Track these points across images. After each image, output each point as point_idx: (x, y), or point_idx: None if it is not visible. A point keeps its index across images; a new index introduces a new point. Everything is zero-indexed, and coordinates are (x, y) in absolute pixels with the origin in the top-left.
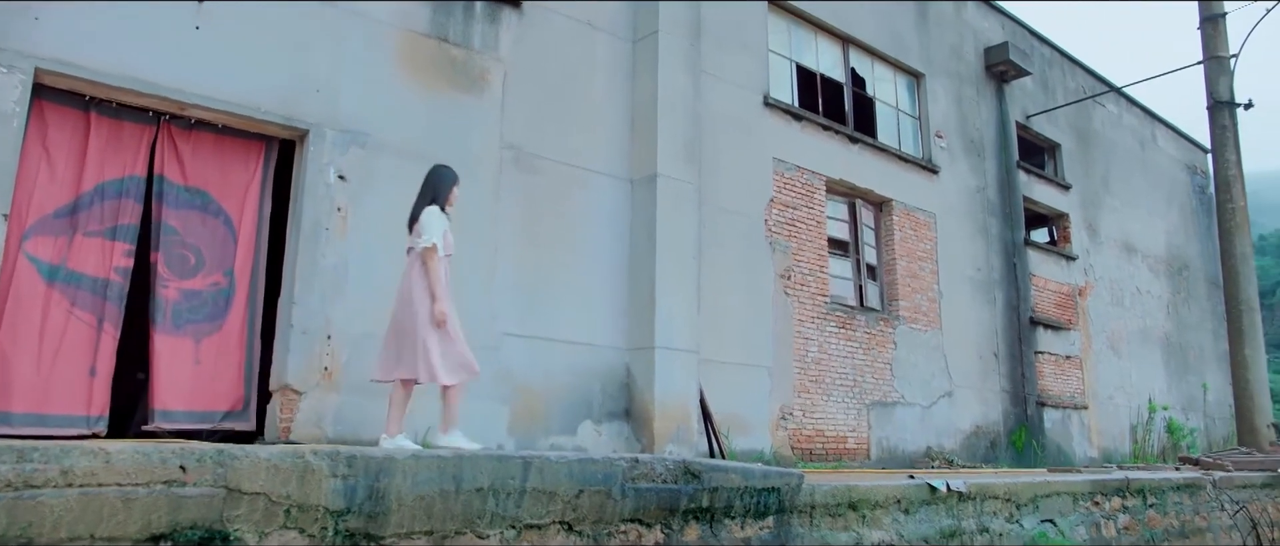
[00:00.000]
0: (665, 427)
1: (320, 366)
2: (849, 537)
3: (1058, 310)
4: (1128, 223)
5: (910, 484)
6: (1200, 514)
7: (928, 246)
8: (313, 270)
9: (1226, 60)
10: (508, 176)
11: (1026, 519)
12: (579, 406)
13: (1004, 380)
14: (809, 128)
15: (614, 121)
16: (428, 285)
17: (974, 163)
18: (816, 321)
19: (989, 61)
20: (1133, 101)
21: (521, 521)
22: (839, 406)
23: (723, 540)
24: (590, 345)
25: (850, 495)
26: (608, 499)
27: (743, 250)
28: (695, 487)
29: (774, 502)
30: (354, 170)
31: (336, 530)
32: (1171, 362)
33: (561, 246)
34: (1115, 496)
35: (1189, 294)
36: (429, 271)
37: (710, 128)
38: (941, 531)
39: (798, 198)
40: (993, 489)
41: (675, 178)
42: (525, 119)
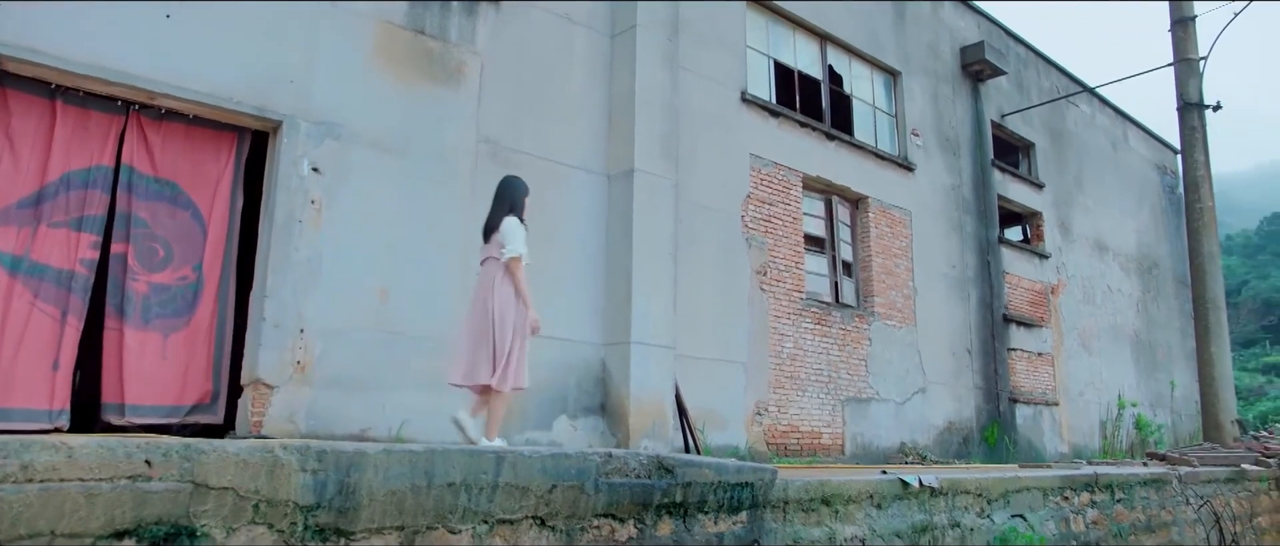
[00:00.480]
0: (641, 423)
1: (293, 360)
2: (822, 532)
3: (1030, 307)
4: (1099, 221)
5: (883, 479)
6: (1166, 508)
7: (903, 243)
8: (285, 263)
9: (1196, 62)
10: (484, 170)
11: (997, 513)
12: (554, 401)
13: (977, 376)
14: (786, 124)
15: (591, 116)
16: (516, 293)
17: (949, 161)
18: (792, 317)
19: (965, 60)
20: (1105, 102)
21: (494, 516)
22: (814, 402)
23: (696, 535)
24: (566, 340)
25: (823, 490)
26: (581, 494)
27: (719, 246)
28: (669, 483)
29: (748, 497)
30: (328, 162)
31: (306, 525)
32: (1141, 360)
33: (537, 241)
34: (1084, 491)
35: (1158, 292)
36: (516, 280)
37: (688, 123)
38: (914, 526)
39: (774, 194)
40: (964, 484)
41: (652, 173)
42: (502, 113)
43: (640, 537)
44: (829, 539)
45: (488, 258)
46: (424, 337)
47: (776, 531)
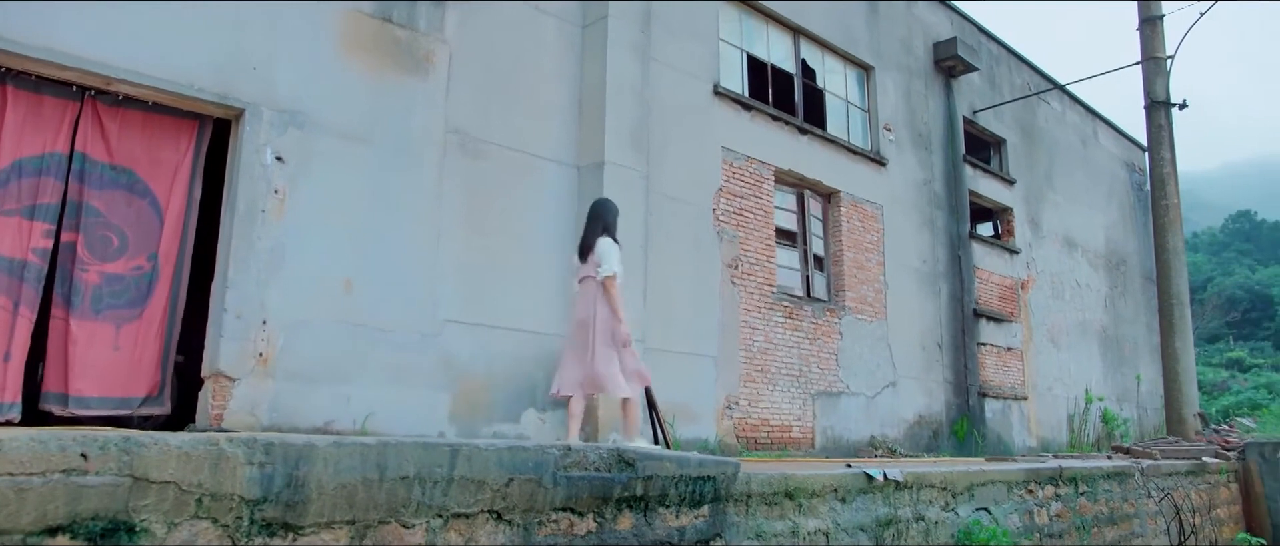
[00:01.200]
0: (609, 416)
1: (255, 352)
2: (785, 526)
3: (1000, 302)
4: (1069, 218)
5: (847, 473)
6: (1128, 500)
7: (875, 238)
8: (248, 253)
9: (1163, 61)
10: (452, 161)
11: (962, 507)
12: (522, 394)
13: (947, 371)
14: (759, 117)
15: (562, 107)
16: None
17: (921, 156)
18: (763, 311)
19: (938, 56)
20: (1075, 99)
21: (449, 510)
22: (784, 396)
23: (657, 529)
24: (535, 332)
25: (787, 484)
26: (539, 487)
27: (690, 239)
28: (629, 476)
29: (710, 491)
30: (292, 151)
31: (252, 520)
32: (1108, 354)
33: (506, 232)
34: (1048, 484)
35: (1126, 288)
36: (611, 297)
37: (659, 115)
38: (878, 519)
39: (746, 187)
40: (929, 478)
41: (622, 165)
42: (471, 103)
43: (600, 532)
44: (792, 532)
45: (585, 277)
46: (390, 329)
47: (739, 525)
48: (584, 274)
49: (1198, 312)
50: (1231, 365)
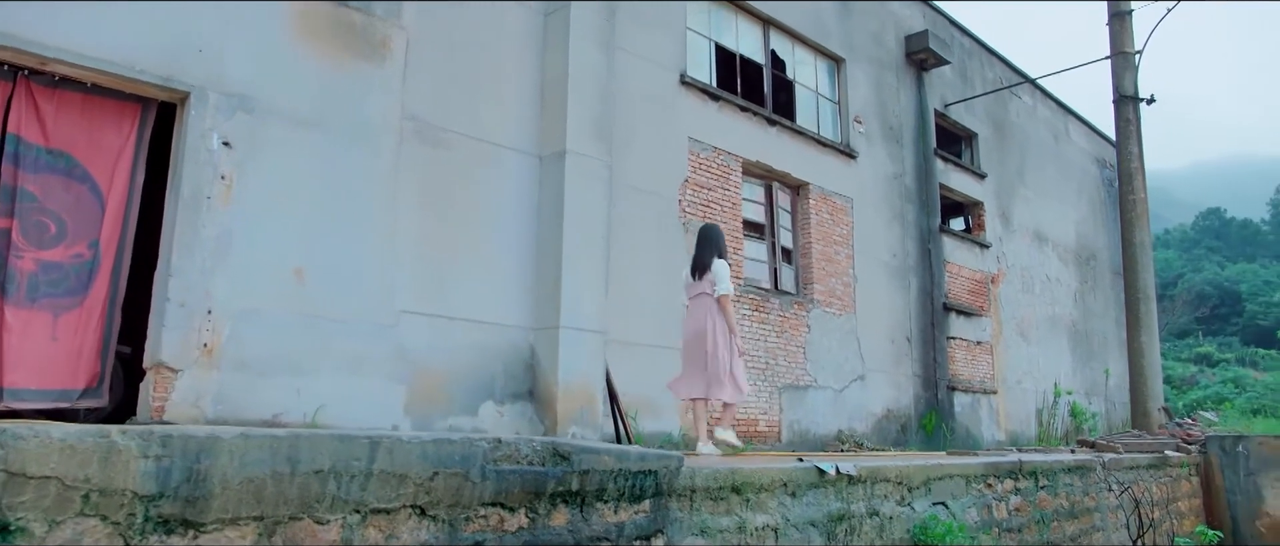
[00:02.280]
0: (569, 409)
1: (199, 342)
2: (731, 521)
3: (970, 296)
4: (1040, 212)
5: (798, 467)
6: (1089, 494)
7: (844, 231)
8: (193, 240)
9: (1132, 56)
10: (409, 149)
11: (918, 501)
12: (481, 387)
13: (916, 364)
14: (727, 108)
15: (524, 95)
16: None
17: (892, 149)
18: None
19: (909, 49)
20: (1047, 94)
21: (368, 505)
22: (750, 389)
23: (594, 524)
24: (494, 324)
25: (733, 478)
26: (465, 481)
27: (656, 230)
28: (564, 470)
29: (651, 486)
30: (240, 136)
31: (147, 516)
32: (1077, 349)
33: (465, 223)
34: (1008, 478)
35: (1095, 283)
36: (728, 313)
37: (624, 105)
38: (829, 514)
39: (713, 178)
40: (884, 472)
41: (585, 154)
42: (429, 90)
43: (532, 527)
44: (738, 528)
45: (700, 293)
46: (344, 320)
47: (682, 520)
48: (699, 291)
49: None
50: (1200, 360)
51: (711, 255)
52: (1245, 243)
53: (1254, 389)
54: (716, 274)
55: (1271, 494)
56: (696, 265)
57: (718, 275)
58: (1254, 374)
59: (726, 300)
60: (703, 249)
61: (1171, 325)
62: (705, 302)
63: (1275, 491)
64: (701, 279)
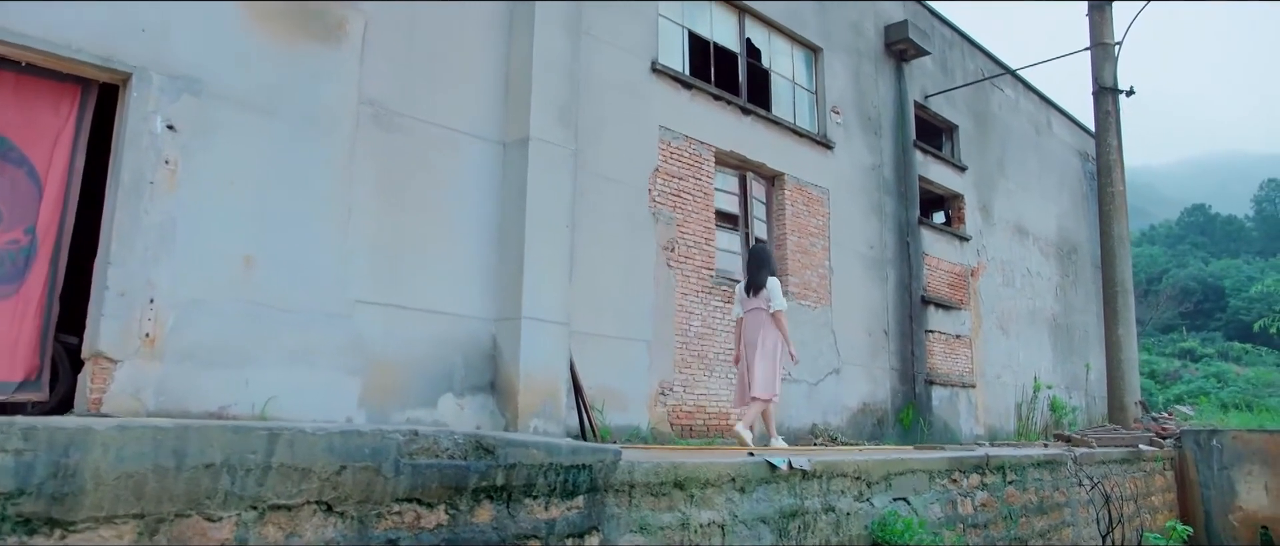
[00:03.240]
0: (530, 402)
1: (140, 332)
2: (674, 518)
3: (949, 290)
4: (1021, 206)
5: (748, 461)
6: (1059, 489)
7: (820, 222)
8: (134, 227)
9: (1111, 46)
10: (366, 135)
11: (878, 497)
12: (439, 379)
13: (893, 358)
14: (699, 97)
15: (488, 81)
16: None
17: (870, 140)
18: (701, 295)
19: (888, 39)
20: (1029, 87)
21: (265, 502)
22: (722, 382)
23: (521, 521)
24: (454, 315)
25: (676, 473)
26: (377, 476)
27: (624, 220)
28: (488, 464)
29: (585, 481)
30: (186, 120)
31: (4, 515)
32: (1058, 343)
33: (425, 211)
34: (974, 473)
35: (1077, 277)
36: (782, 326)
37: (593, 92)
38: (782, 511)
39: (685, 168)
40: (841, 467)
41: (550, 142)
42: (388, 74)
43: (453, 524)
44: (682, 524)
45: (754, 308)
46: (295, 309)
47: (620, 517)
48: (754, 305)
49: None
50: (1183, 355)
51: (766, 274)
52: (1229, 238)
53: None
54: (771, 291)
55: (1244, 488)
56: (751, 283)
57: (773, 292)
58: (1236, 369)
59: (781, 315)
60: (757, 268)
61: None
62: (760, 316)
63: (1248, 485)
64: (757, 295)
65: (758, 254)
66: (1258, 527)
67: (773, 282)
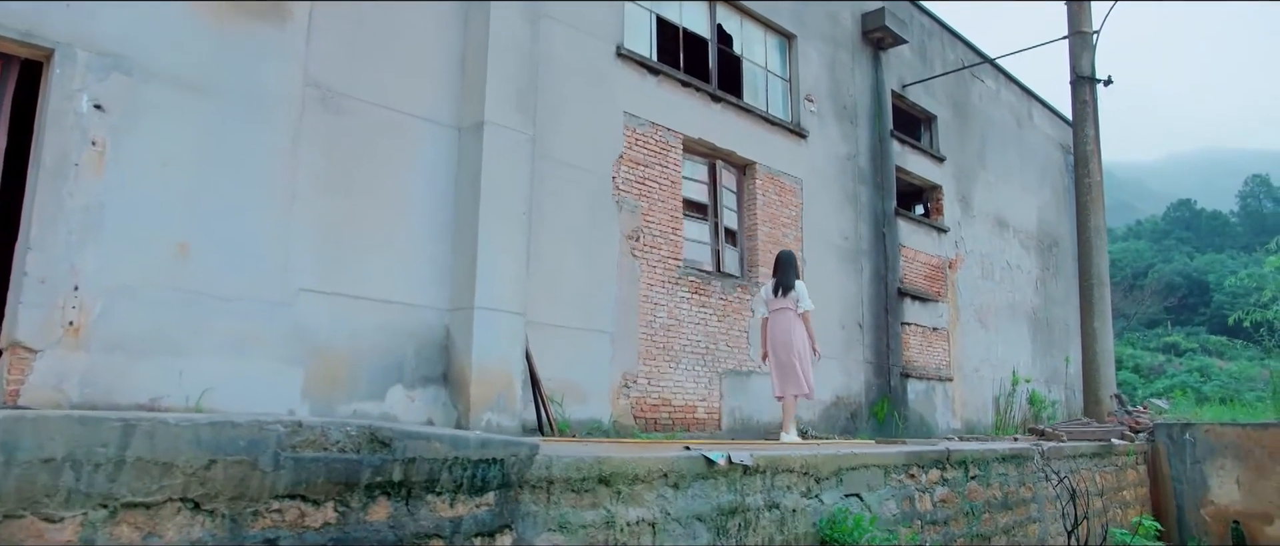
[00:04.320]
0: (483, 394)
1: (63, 320)
2: (598, 515)
3: (926, 282)
4: (1001, 198)
5: (682, 456)
6: (1026, 484)
7: (792, 212)
8: (57, 211)
9: (1089, 35)
10: (312, 118)
11: (827, 493)
12: (389, 370)
13: (868, 351)
14: (667, 83)
15: (443, 64)
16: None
17: (846, 129)
18: (667, 286)
19: (865, 27)
20: (1011, 79)
21: (119, 499)
22: (688, 374)
23: (423, 519)
24: (405, 304)
25: (601, 468)
26: (253, 471)
27: (587, 208)
28: (384, 458)
29: (497, 476)
30: (115, 100)
31: None
32: (1038, 336)
33: (375, 197)
34: (933, 468)
35: (1058, 270)
36: (810, 326)
37: (555, 77)
38: (720, 508)
39: (651, 155)
40: (786, 461)
41: (506, 126)
42: (336, 56)
43: (342, 523)
44: (607, 523)
45: (782, 309)
46: (233, 298)
47: (537, 515)
48: (781, 306)
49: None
50: (1168, 349)
51: (793, 277)
52: (1215, 234)
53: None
54: (799, 293)
55: (1216, 482)
56: (779, 285)
57: (800, 294)
58: (1219, 363)
59: (809, 316)
60: (784, 272)
61: (1141, 315)
62: (788, 316)
63: (1220, 480)
64: (784, 296)
65: (785, 259)
66: (1229, 522)
67: (800, 285)
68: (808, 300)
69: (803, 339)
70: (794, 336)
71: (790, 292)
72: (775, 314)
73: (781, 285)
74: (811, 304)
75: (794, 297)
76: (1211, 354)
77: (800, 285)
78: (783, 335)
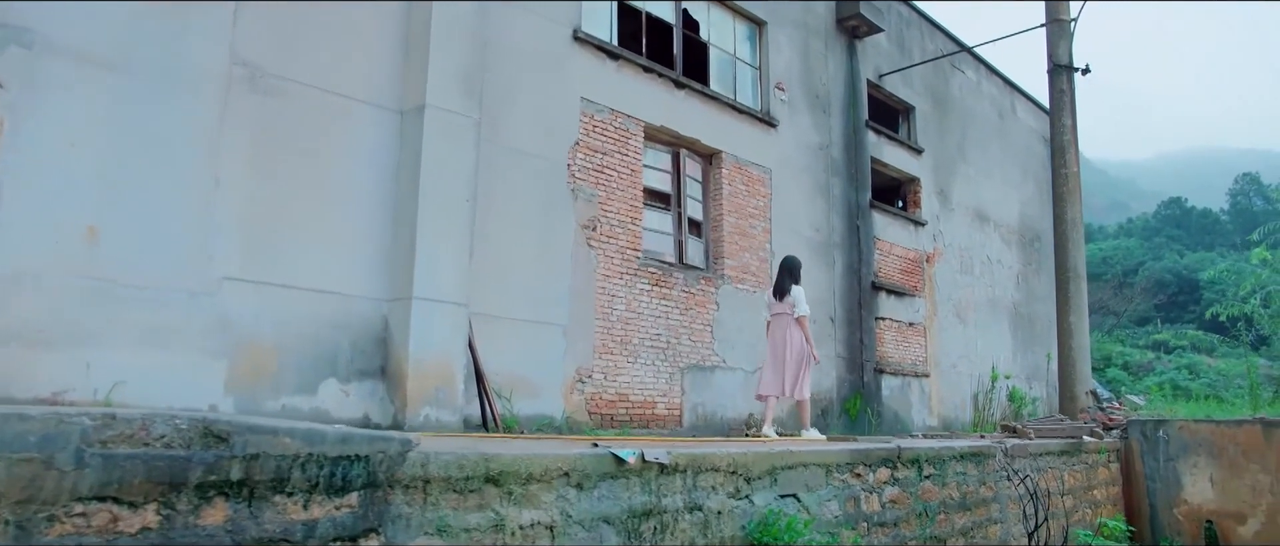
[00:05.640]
0: (421, 388)
1: None
2: (484, 518)
3: (903, 276)
4: (982, 191)
5: (588, 454)
6: (986, 484)
7: (761, 203)
8: None
9: (1067, 23)
10: (239, 98)
11: (760, 494)
12: (322, 363)
13: (840, 346)
14: (627, 68)
15: (385, 45)
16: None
17: (818, 119)
18: (625, 277)
19: (840, 15)
20: (993, 70)
21: None
22: (648, 369)
23: (268, 522)
24: (340, 294)
25: (489, 466)
26: (48, 470)
27: (540, 196)
28: (219, 454)
29: (360, 474)
30: (14, 74)
31: None
32: (1019, 332)
33: (310, 182)
34: (882, 467)
35: (1040, 265)
36: (805, 330)
37: (506, 59)
38: (632, 510)
39: (610, 143)
40: (711, 460)
41: (449, 110)
42: (267, 34)
43: (167, 527)
44: (495, 526)
45: (780, 313)
46: (148, 286)
47: (411, 517)
48: (779, 310)
49: (1129, 296)
50: (1157, 347)
51: (790, 283)
52: (1205, 232)
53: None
54: (795, 298)
55: (1190, 480)
56: (777, 289)
57: (796, 299)
58: (1207, 360)
59: (804, 320)
60: (783, 277)
61: (1131, 312)
62: (785, 320)
63: (1193, 478)
64: (782, 301)
65: (786, 263)
66: (1202, 522)
67: (796, 290)
68: (804, 305)
69: (798, 342)
70: (789, 340)
71: (787, 297)
72: (775, 317)
73: (779, 289)
74: (807, 309)
75: (790, 302)
76: (1200, 351)
77: (797, 290)
78: (779, 338)
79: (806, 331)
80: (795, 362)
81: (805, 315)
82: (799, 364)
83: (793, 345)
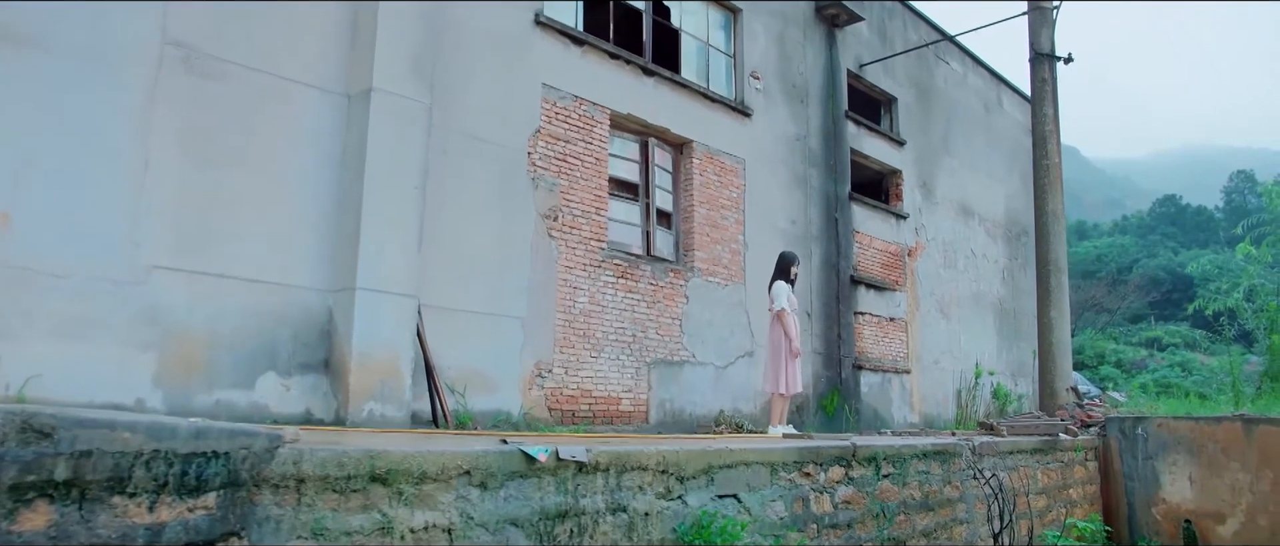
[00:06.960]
0: (365, 382)
1: None
2: (369, 520)
3: (883, 270)
4: (966, 184)
5: (494, 450)
6: (951, 483)
7: (734, 194)
8: None
9: (1049, 10)
10: (172, 80)
11: (694, 494)
12: (260, 356)
13: (817, 341)
14: (592, 54)
15: (331, 27)
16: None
17: (795, 109)
18: (588, 269)
19: (819, 4)
20: (978, 62)
21: None
22: (612, 364)
23: (103, 527)
24: (280, 284)
25: (375, 464)
26: None
27: (497, 185)
28: (41, 451)
29: (220, 473)
30: None
31: None
32: (1004, 328)
33: (250, 168)
34: (835, 466)
35: (1026, 260)
36: (784, 324)
37: (462, 43)
38: (544, 512)
39: (573, 131)
40: (637, 458)
41: (397, 94)
42: (201, 13)
43: None
44: (382, 528)
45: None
46: (67, 275)
47: (281, 520)
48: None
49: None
50: (1150, 344)
51: (774, 277)
52: (1199, 229)
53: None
54: (774, 294)
55: (1168, 479)
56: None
57: (774, 295)
58: (1201, 358)
59: (783, 315)
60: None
61: (1124, 310)
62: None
63: (1172, 476)
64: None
65: (779, 259)
66: (1181, 521)
67: (777, 286)
68: (780, 300)
69: (778, 339)
70: (771, 338)
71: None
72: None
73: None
74: (779, 304)
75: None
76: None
77: (777, 285)
78: (773, 333)
79: (785, 325)
80: (775, 357)
81: (781, 310)
82: (776, 358)
83: (771, 339)
